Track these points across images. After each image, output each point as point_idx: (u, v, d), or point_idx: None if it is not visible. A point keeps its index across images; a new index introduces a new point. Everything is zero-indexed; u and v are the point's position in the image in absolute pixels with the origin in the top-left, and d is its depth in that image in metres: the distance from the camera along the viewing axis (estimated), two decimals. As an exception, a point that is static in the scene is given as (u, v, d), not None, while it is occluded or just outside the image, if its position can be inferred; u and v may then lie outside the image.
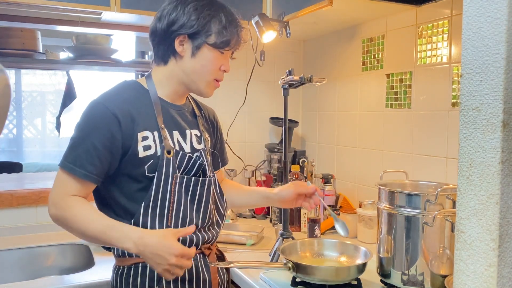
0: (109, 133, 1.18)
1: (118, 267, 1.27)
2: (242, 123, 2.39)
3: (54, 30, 2.16)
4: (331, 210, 1.45)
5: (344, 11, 1.85)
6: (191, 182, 1.27)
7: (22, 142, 5.23)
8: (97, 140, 1.17)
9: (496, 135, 0.68)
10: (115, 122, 1.18)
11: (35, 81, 5.25)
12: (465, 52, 0.73)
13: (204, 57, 1.25)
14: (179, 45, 1.25)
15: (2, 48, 1.90)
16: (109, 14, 1.84)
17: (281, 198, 1.44)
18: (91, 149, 1.17)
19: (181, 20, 1.23)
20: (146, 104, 1.26)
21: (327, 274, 1.31)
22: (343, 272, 1.32)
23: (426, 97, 1.71)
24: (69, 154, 1.19)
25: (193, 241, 1.27)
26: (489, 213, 0.69)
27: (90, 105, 1.22)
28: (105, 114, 1.19)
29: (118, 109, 1.19)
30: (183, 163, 1.27)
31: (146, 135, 1.22)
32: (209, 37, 1.24)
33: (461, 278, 0.74)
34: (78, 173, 1.16)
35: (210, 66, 1.26)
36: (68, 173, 1.17)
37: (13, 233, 1.96)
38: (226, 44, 1.25)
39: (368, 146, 2.02)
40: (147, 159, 1.21)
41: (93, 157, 1.17)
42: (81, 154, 1.17)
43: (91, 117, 1.20)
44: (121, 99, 1.23)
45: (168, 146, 1.24)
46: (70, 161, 1.17)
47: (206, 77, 1.28)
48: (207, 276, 1.30)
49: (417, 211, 1.23)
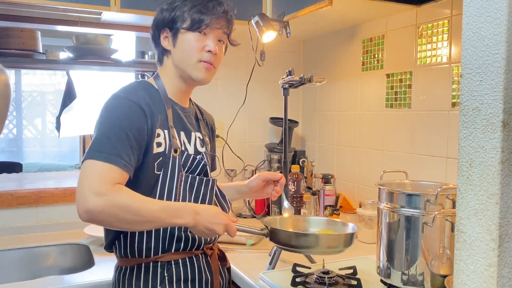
0: (138, 124, 1.16)
1: (121, 268, 1.27)
2: (242, 123, 2.39)
3: (54, 30, 2.16)
4: (284, 196, 1.43)
5: (344, 11, 1.85)
6: (196, 181, 1.28)
7: (22, 142, 5.23)
8: (130, 130, 1.14)
9: (496, 135, 0.68)
10: (142, 115, 1.18)
11: (35, 81, 5.25)
12: (465, 52, 0.73)
13: (183, 42, 1.27)
14: (164, 40, 1.29)
15: (2, 48, 1.90)
16: (109, 14, 1.84)
17: (250, 188, 1.46)
18: (126, 140, 1.13)
19: (158, 18, 1.29)
20: (158, 102, 1.26)
21: (306, 241, 1.21)
22: (324, 240, 1.23)
23: (426, 97, 1.71)
24: (99, 145, 1.11)
25: (195, 242, 1.27)
26: (489, 213, 0.69)
27: (112, 99, 1.20)
28: (133, 107, 1.17)
29: (142, 103, 1.19)
30: (188, 163, 1.28)
31: (159, 132, 1.22)
32: (184, 23, 1.26)
33: (461, 278, 0.74)
34: (117, 162, 1.10)
35: (189, 49, 1.26)
36: (106, 163, 1.09)
37: (13, 233, 1.96)
38: (200, 22, 1.25)
39: (368, 146, 2.02)
40: (157, 156, 1.21)
41: (128, 148, 1.13)
42: (115, 144, 1.11)
43: (119, 109, 1.17)
44: (140, 94, 1.23)
45: (176, 145, 1.25)
46: (103, 151, 1.10)
47: (190, 61, 1.27)
48: (209, 276, 1.30)
49: (417, 211, 1.23)
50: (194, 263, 1.28)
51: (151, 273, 1.22)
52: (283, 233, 1.24)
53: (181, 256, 1.26)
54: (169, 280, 1.23)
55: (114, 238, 1.26)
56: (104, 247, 1.31)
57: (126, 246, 1.24)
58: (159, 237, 1.23)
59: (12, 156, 5.13)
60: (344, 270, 1.41)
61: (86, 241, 1.88)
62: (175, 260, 1.25)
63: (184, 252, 1.26)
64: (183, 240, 1.25)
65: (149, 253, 1.23)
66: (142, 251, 1.23)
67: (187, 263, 1.27)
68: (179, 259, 1.25)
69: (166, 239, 1.23)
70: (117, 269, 1.28)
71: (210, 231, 1.13)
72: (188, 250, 1.27)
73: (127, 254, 1.24)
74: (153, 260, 1.23)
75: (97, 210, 1.04)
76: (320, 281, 1.32)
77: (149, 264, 1.23)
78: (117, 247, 1.26)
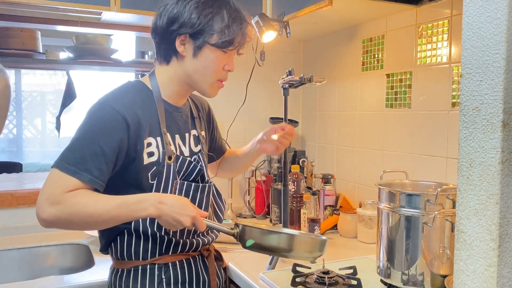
0: (118, 137, 1.11)
1: (117, 270, 1.25)
2: (242, 123, 2.39)
3: (54, 30, 2.16)
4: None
5: (344, 11, 1.85)
6: (191, 188, 1.25)
7: (22, 142, 5.23)
8: (105, 143, 1.09)
9: (496, 135, 0.68)
10: (124, 126, 1.12)
11: (35, 81, 5.25)
12: (465, 52, 0.73)
13: (206, 57, 1.20)
14: (180, 44, 1.20)
15: (2, 48, 1.90)
16: (109, 14, 1.84)
17: (260, 140, 1.48)
18: (99, 153, 1.09)
19: (182, 19, 1.17)
20: (150, 107, 1.20)
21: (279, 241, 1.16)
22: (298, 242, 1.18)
23: (426, 97, 1.71)
24: (70, 155, 1.09)
25: (193, 245, 1.27)
26: (489, 213, 0.69)
27: (97, 105, 1.15)
28: (114, 117, 1.11)
29: (127, 112, 1.13)
30: (183, 168, 1.24)
31: (150, 141, 1.18)
32: (211, 37, 1.18)
33: (461, 278, 0.74)
34: (83, 177, 1.07)
35: (212, 66, 1.21)
36: (71, 177, 1.07)
37: (13, 233, 1.96)
38: (229, 43, 1.20)
39: (368, 146, 2.02)
40: (150, 165, 1.18)
41: (101, 162, 1.09)
42: (86, 157, 1.08)
43: (99, 118, 1.13)
44: (128, 101, 1.16)
45: (170, 152, 1.20)
46: (72, 163, 1.08)
47: (209, 78, 1.23)
48: (207, 277, 1.30)
49: (417, 211, 1.23)
50: (191, 264, 1.27)
51: (148, 276, 1.21)
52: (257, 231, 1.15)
53: (178, 258, 1.25)
54: (166, 283, 1.22)
55: (110, 241, 1.24)
56: (100, 249, 1.29)
57: (123, 249, 1.22)
58: (156, 240, 1.21)
59: (12, 156, 5.13)
60: (344, 270, 1.41)
61: (86, 241, 1.88)
62: (172, 262, 1.23)
63: (181, 254, 1.25)
64: (181, 242, 1.24)
65: (146, 255, 1.21)
66: (139, 254, 1.21)
67: (184, 265, 1.25)
68: (176, 261, 1.24)
69: (165, 241, 1.22)
70: (113, 271, 1.26)
71: (176, 222, 1.08)
72: (185, 252, 1.26)
73: (124, 256, 1.22)
74: (150, 262, 1.21)
75: (52, 219, 1.06)
76: (320, 281, 1.32)
77: (146, 267, 1.21)
78: (113, 250, 1.24)
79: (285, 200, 1.62)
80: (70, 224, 1.09)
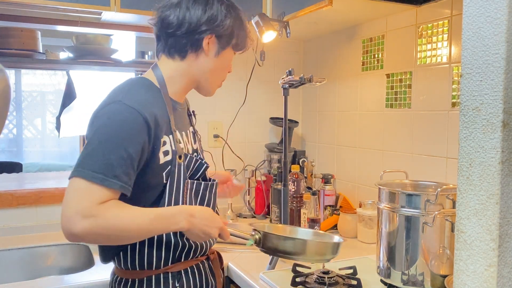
0: (141, 139, 1.07)
1: (126, 280, 1.19)
2: (242, 123, 2.39)
3: (54, 30, 2.16)
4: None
5: (344, 11, 1.85)
6: (201, 187, 1.24)
7: (22, 142, 5.23)
8: (131, 146, 1.04)
9: (496, 135, 0.68)
10: (146, 129, 1.08)
11: (35, 81, 5.25)
12: (465, 52, 0.73)
13: (226, 58, 1.25)
14: (206, 44, 1.20)
15: (2, 48, 1.90)
16: (109, 14, 1.84)
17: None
18: (126, 157, 1.03)
19: (217, 20, 1.18)
20: (161, 105, 1.17)
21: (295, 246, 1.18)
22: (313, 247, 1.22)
23: (426, 97, 1.71)
24: (94, 162, 1.02)
25: (203, 249, 1.25)
26: (489, 213, 0.69)
27: (114, 106, 1.08)
28: (136, 118, 1.06)
29: (148, 113, 1.08)
30: (190, 166, 1.22)
31: (165, 140, 1.15)
32: (233, 39, 1.24)
33: (461, 278, 0.74)
34: (113, 184, 1.02)
35: (226, 67, 1.28)
36: (96, 184, 1.00)
37: (13, 233, 1.95)
38: (243, 47, 1.27)
39: (368, 146, 2.02)
40: (165, 165, 1.14)
41: (128, 166, 1.04)
42: (113, 163, 1.02)
43: (121, 121, 1.06)
44: (144, 100, 1.11)
45: (180, 151, 1.18)
46: (98, 171, 1.01)
47: (219, 78, 1.28)
48: (213, 281, 1.29)
49: (417, 211, 1.23)
50: (200, 270, 1.26)
51: (163, 285, 1.18)
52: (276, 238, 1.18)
53: (189, 265, 1.23)
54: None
55: (118, 251, 1.19)
56: (102, 259, 1.23)
57: (134, 258, 1.17)
58: (170, 247, 1.18)
59: (12, 156, 5.13)
60: (344, 270, 1.41)
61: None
62: (185, 269, 1.22)
63: (192, 260, 1.24)
64: (193, 248, 1.22)
65: (159, 264, 1.18)
66: (152, 263, 1.17)
67: (195, 271, 1.24)
68: (187, 268, 1.22)
69: (178, 248, 1.19)
70: (118, 281, 1.21)
71: (205, 235, 1.10)
72: (196, 257, 1.25)
73: (135, 266, 1.17)
74: (164, 271, 1.18)
75: (85, 233, 1.00)
76: (320, 281, 1.32)
77: (160, 276, 1.18)
78: (121, 260, 1.19)
79: (285, 200, 1.62)
80: (104, 238, 1.05)
